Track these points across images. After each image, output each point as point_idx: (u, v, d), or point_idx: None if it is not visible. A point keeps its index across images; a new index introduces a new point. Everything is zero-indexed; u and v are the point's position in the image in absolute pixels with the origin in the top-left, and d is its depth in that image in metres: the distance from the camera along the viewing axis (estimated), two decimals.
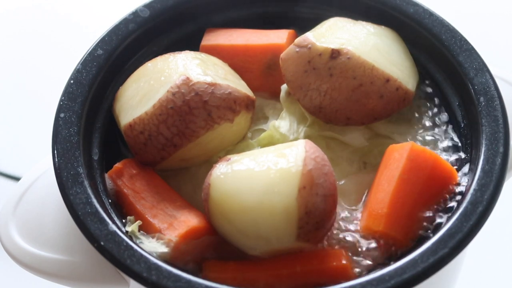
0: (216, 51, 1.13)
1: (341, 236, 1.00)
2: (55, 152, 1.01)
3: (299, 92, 1.07)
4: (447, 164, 1.01)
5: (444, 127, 1.09)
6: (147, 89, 1.04)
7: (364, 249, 0.99)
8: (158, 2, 1.16)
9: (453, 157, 1.06)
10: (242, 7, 1.20)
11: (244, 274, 0.96)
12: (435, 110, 1.11)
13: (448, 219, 0.96)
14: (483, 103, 1.03)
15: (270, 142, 1.07)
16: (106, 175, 1.04)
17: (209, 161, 1.06)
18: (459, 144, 1.07)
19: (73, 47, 1.82)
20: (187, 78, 1.02)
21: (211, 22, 1.19)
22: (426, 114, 1.11)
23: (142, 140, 1.03)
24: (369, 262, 0.98)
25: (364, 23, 1.11)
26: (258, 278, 0.95)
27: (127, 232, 0.98)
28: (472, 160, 1.03)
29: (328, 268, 0.95)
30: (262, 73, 1.13)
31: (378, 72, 1.04)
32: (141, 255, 0.93)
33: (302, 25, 1.17)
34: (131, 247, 0.94)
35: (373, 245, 0.99)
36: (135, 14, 1.15)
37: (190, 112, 1.01)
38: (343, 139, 1.08)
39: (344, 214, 1.02)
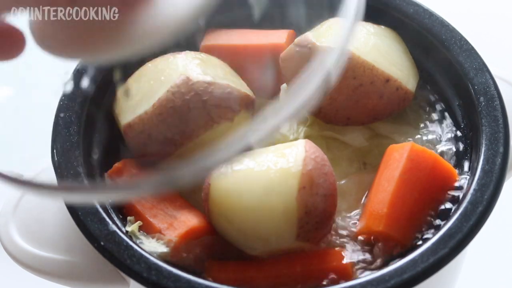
0: (216, 51, 1.13)
1: (341, 236, 1.00)
2: (55, 151, 1.01)
3: None
4: (447, 164, 1.01)
5: (444, 127, 1.09)
6: (147, 89, 1.04)
7: (364, 249, 0.99)
8: None
9: (453, 157, 1.06)
10: (242, 7, 1.20)
11: (244, 274, 0.96)
12: (435, 110, 1.11)
13: (448, 219, 0.96)
14: (483, 103, 1.03)
15: (270, 142, 1.07)
16: (106, 175, 1.04)
17: None
18: (459, 144, 1.07)
19: None
20: (187, 77, 1.02)
21: (211, 22, 1.19)
22: (426, 114, 1.11)
23: (142, 140, 1.02)
24: (369, 262, 0.98)
25: (364, 23, 1.11)
26: (258, 278, 0.95)
27: (127, 232, 0.98)
28: (472, 160, 1.03)
29: (328, 268, 0.95)
30: (262, 73, 1.13)
31: (378, 72, 1.04)
32: (141, 255, 0.93)
33: (302, 25, 1.17)
34: (131, 247, 0.93)
35: (373, 245, 0.98)
36: None
37: (190, 112, 1.01)
38: (343, 139, 1.08)
39: (344, 214, 1.02)
